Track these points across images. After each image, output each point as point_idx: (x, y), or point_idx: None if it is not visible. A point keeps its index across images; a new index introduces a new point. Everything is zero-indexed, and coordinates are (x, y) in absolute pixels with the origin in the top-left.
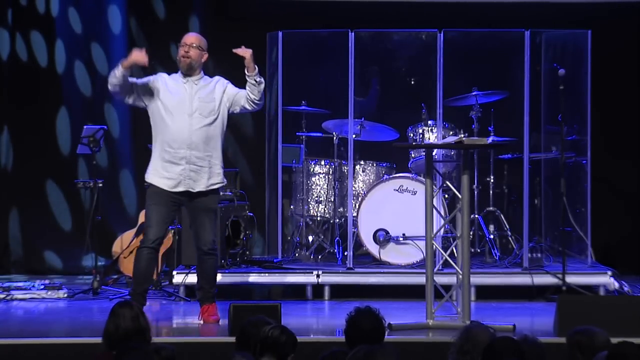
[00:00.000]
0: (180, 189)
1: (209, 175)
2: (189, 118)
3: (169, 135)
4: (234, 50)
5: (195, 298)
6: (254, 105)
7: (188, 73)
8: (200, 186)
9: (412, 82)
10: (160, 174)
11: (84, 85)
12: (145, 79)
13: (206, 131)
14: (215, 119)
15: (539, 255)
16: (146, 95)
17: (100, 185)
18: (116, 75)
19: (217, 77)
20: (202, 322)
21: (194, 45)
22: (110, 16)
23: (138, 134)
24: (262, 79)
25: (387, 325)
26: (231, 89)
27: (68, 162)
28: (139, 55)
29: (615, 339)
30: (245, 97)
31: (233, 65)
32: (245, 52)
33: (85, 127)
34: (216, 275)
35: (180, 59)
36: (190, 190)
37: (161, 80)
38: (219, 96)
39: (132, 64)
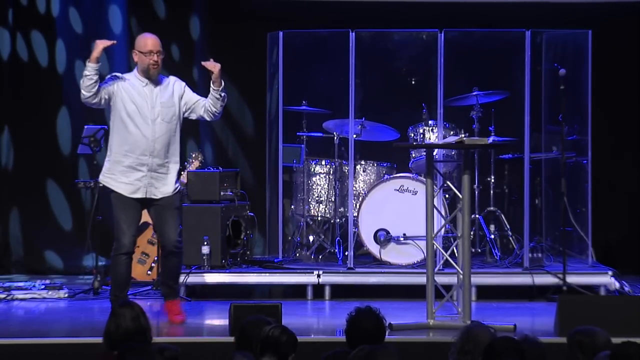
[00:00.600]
0: (139, 195)
1: (169, 182)
2: (151, 124)
3: (130, 140)
4: (203, 63)
5: (197, 298)
6: (212, 117)
7: (152, 80)
8: (161, 193)
9: (413, 82)
10: (119, 179)
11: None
12: (107, 81)
13: (168, 137)
14: (176, 124)
15: (540, 255)
16: (108, 97)
17: (101, 185)
18: (88, 75)
19: (172, 78)
20: (168, 322)
21: (160, 51)
22: (111, 16)
23: None
24: (226, 95)
25: (387, 325)
26: (189, 94)
27: (69, 162)
28: (102, 42)
29: (616, 339)
30: (204, 107)
31: (233, 66)
32: (214, 66)
33: (85, 127)
34: (180, 273)
35: (149, 67)
36: (153, 197)
37: (120, 84)
38: (177, 99)
39: (99, 54)
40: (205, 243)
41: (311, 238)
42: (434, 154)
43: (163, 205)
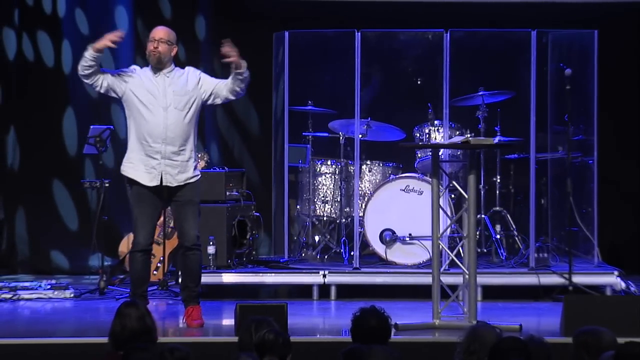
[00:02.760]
0: (155, 183)
1: (185, 169)
2: (164, 112)
3: (145, 128)
4: (224, 51)
5: (203, 298)
6: (236, 96)
7: (158, 67)
8: (176, 181)
9: (419, 82)
10: (137, 167)
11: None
12: (118, 70)
13: (181, 125)
14: (189, 112)
15: (546, 255)
16: (120, 86)
17: (107, 185)
18: (86, 58)
19: (188, 68)
20: (185, 325)
21: (163, 40)
22: (117, 17)
23: None
24: (249, 73)
25: (393, 325)
26: (208, 79)
27: (74, 162)
28: (110, 36)
29: (622, 339)
30: (227, 88)
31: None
32: (232, 50)
33: (91, 127)
34: (201, 273)
35: (149, 53)
36: (169, 185)
37: (135, 74)
38: (192, 88)
39: (103, 47)
40: (211, 243)
41: (317, 238)
42: (440, 154)
43: (183, 201)
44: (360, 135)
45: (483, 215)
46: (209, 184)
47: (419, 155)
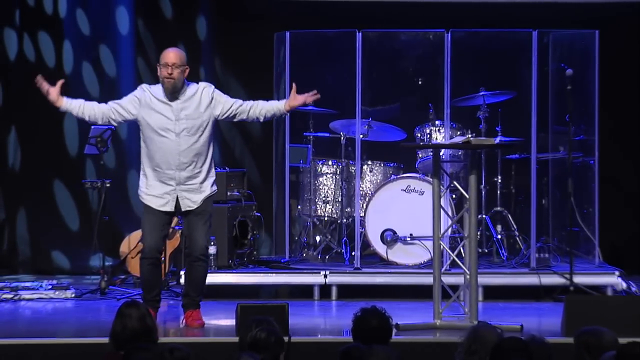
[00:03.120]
0: (167, 208)
1: (201, 190)
2: (176, 138)
3: (157, 155)
4: (299, 97)
5: (204, 298)
6: (255, 121)
7: (173, 93)
8: (195, 203)
9: (420, 82)
10: (150, 192)
11: (91, 86)
12: (128, 98)
13: (194, 149)
14: (202, 135)
15: (547, 255)
16: (131, 114)
17: (108, 185)
18: (73, 115)
19: (201, 85)
20: (185, 326)
21: (176, 64)
22: (118, 17)
23: None
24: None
25: (394, 326)
26: (223, 100)
27: (76, 163)
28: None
29: (623, 339)
30: (249, 113)
31: (240, 66)
32: (308, 99)
33: (92, 127)
34: (204, 283)
35: (163, 80)
36: (188, 209)
37: (145, 97)
38: (205, 109)
39: (54, 99)
40: (212, 243)
41: (318, 238)
42: (441, 154)
43: (195, 212)
44: (361, 136)
45: (484, 216)
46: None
47: (420, 155)
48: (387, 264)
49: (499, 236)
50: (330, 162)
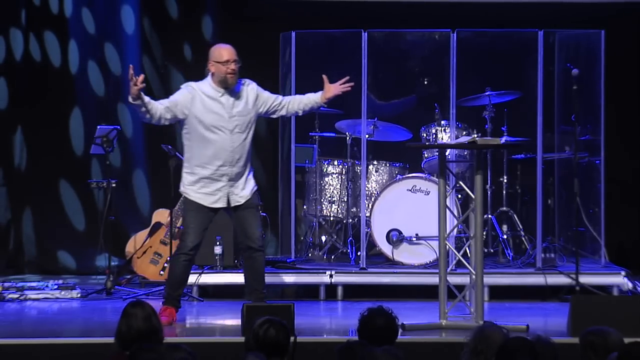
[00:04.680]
0: (219, 205)
1: (247, 184)
2: (230, 135)
3: (209, 153)
4: (325, 78)
5: (210, 298)
6: (293, 115)
7: (230, 87)
8: (243, 198)
9: (426, 82)
10: (199, 190)
11: (97, 86)
12: (180, 97)
13: (245, 145)
14: (250, 131)
15: (552, 255)
16: (182, 113)
17: (114, 185)
18: (137, 108)
19: (246, 82)
20: None
21: (236, 60)
22: (124, 16)
23: (151, 134)
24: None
25: (400, 325)
26: (265, 96)
27: (81, 162)
28: (133, 88)
29: (629, 339)
30: (287, 108)
31: (247, 66)
32: (342, 89)
33: (98, 127)
34: (265, 275)
35: (226, 77)
36: (237, 204)
37: (197, 96)
38: (252, 106)
39: (135, 94)
40: (218, 243)
41: (323, 238)
42: (447, 154)
43: (245, 206)
44: (367, 135)
45: (490, 216)
46: None
47: (426, 155)
48: (392, 264)
49: (505, 236)
50: (336, 162)
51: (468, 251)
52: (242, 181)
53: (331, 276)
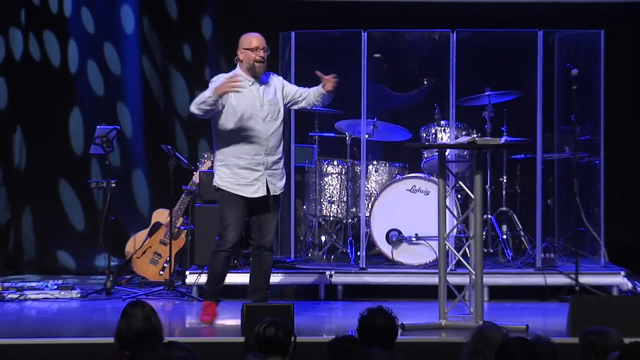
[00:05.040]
0: (260, 193)
1: (282, 176)
2: (262, 123)
3: (244, 142)
4: (321, 76)
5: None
6: (313, 107)
7: (256, 77)
8: (279, 188)
9: (425, 82)
10: (237, 181)
11: (97, 85)
12: (209, 87)
13: (278, 133)
14: (281, 119)
15: (552, 255)
16: (221, 102)
17: (113, 185)
18: (208, 103)
19: (272, 74)
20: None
21: (265, 48)
22: (123, 16)
23: (151, 134)
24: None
25: (400, 326)
26: (289, 86)
27: (81, 162)
28: (232, 85)
29: (629, 339)
30: (307, 100)
31: None
32: (331, 80)
33: (98, 127)
34: (270, 275)
35: (254, 64)
36: (274, 193)
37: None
38: (281, 93)
39: (226, 92)
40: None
41: (323, 238)
42: (446, 154)
43: (271, 204)
44: (366, 136)
45: (489, 216)
46: None
47: (426, 155)
48: (392, 264)
49: (505, 236)
50: (335, 162)
51: (468, 251)
52: (279, 172)
53: (331, 276)
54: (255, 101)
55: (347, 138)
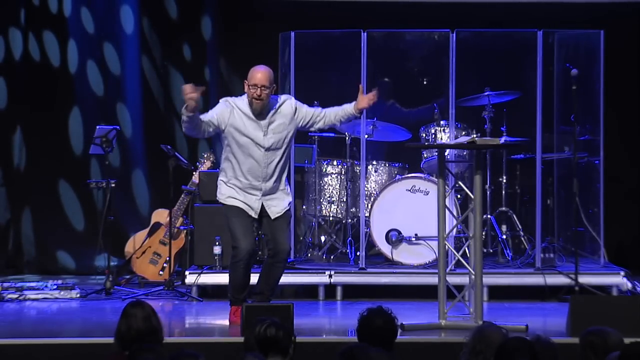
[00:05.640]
0: (252, 215)
1: (284, 197)
2: (264, 152)
3: (244, 168)
4: (365, 96)
5: (209, 298)
6: (332, 127)
7: (261, 113)
8: (276, 213)
9: (425, 82)
10: (235, 196)
11: (96, 85)
12: (217, 115)
13: (281, 161)
14: (287, 146)
15: (552, 255)
16: (221, 125)
17: (113, 185)
18: (184, 120)
19: (283, 98)
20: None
21: (265, 86)
22: (123, 16)
23: (150, 134)
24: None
25: (399, 326)
26: (304, 110)
27: (81, 162)
28: (190, 95)
29: (628, 339)
30: (326, 120)
31: (245, 66)
32: (371, 100)
33: (97, 127)
34: (278, 284)
35: (252, 101)
36: (277, 216)
37: (235, 111)
38: (289, 122)
39: (193, 105)
40: (217, 243)
41: (323, 238)
42: (446, 154)
43: (279, 218)
44: (366, 136)
45: (489, 216)
46: (215, 184)
47: (425, 155)
48: (392, 264)
49: (504, 236)
50: (335, 162)
51: (467, 251)
52: (279, 195)
53: (330, 276)
54: (259, 131)
55: (347, 138)
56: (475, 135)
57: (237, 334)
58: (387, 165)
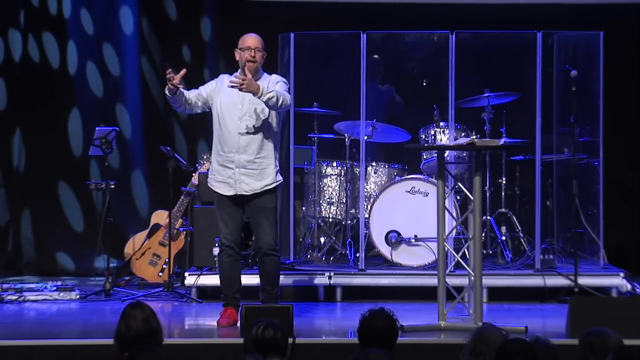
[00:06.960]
0: (230, 192)
1: (262, 177)
2: (238, 121)
3: (221, 138)
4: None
5: (208, 299)
6: (276, 110)
7: (250, 74)
8: (251, 189)
9: (424, 84)
10: (216, 178)
11: (96, 87)
12: (208, 85)
13: (256, 133)
14: (265, 120)
15: (551, 256)
16: (209, 100)
17: (112, 186)
18: (170, 101)
19: (273, 76)
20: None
21: (258, 48)
22: (122, 17)
23: (150, 135)
24: (272, 93)
25: (399, 327)
26: (273, 85)
27: (80, 164)
28: (173, 78)
29: (628, 341)
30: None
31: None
32: (239, 82)
33: (97, 128)
34: (278, 276)
35: (245, 63)
36: (244, 193)
37: (222, 83)
38: None
39: (174, 87)
40: (217, 244)
41: (322, 239)
42: (445, 155)
43: (257, 207)
44: (365, 137)
45: (489, 217)
46: None
47: (425, 156)
48: (391, 265)
49: (504, 237)
50: (334, 164)
51: (467, 252)
52: (256, 172)
53: (330, 277)
54: (236, 98)
55: (346, 139)
56: (474, 137)
57: (235, 335)
58: (386, 166)
